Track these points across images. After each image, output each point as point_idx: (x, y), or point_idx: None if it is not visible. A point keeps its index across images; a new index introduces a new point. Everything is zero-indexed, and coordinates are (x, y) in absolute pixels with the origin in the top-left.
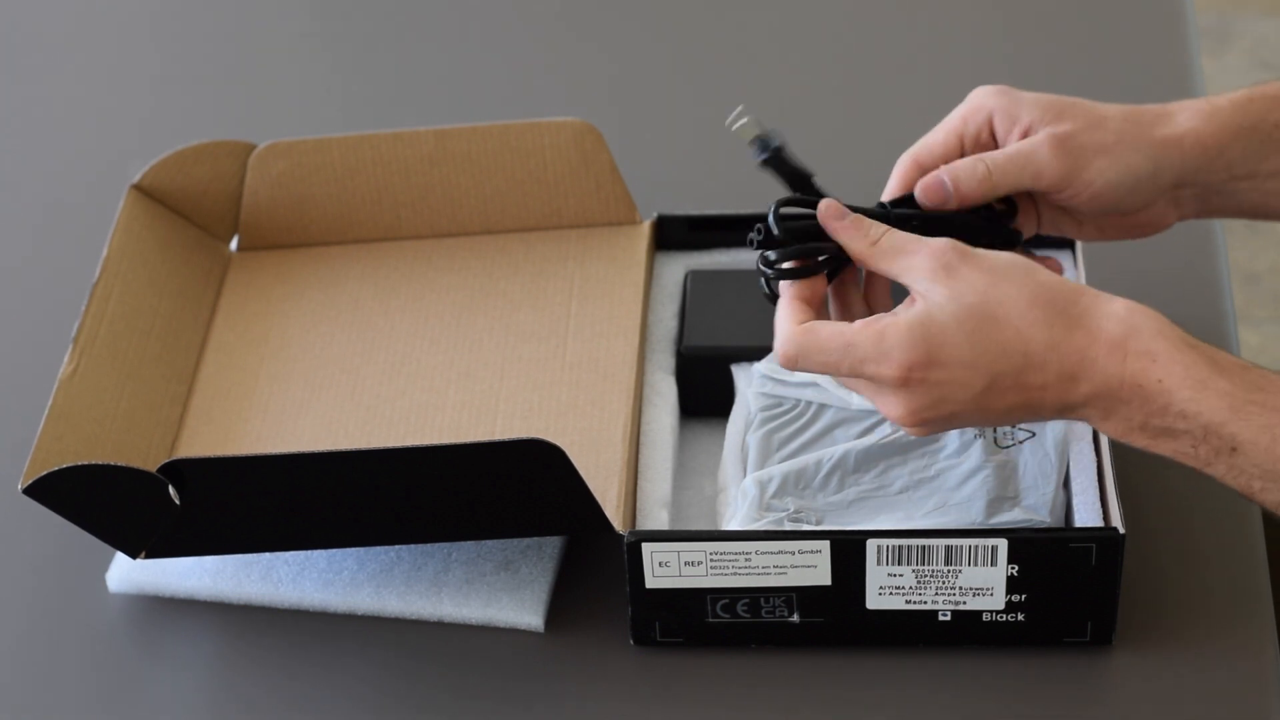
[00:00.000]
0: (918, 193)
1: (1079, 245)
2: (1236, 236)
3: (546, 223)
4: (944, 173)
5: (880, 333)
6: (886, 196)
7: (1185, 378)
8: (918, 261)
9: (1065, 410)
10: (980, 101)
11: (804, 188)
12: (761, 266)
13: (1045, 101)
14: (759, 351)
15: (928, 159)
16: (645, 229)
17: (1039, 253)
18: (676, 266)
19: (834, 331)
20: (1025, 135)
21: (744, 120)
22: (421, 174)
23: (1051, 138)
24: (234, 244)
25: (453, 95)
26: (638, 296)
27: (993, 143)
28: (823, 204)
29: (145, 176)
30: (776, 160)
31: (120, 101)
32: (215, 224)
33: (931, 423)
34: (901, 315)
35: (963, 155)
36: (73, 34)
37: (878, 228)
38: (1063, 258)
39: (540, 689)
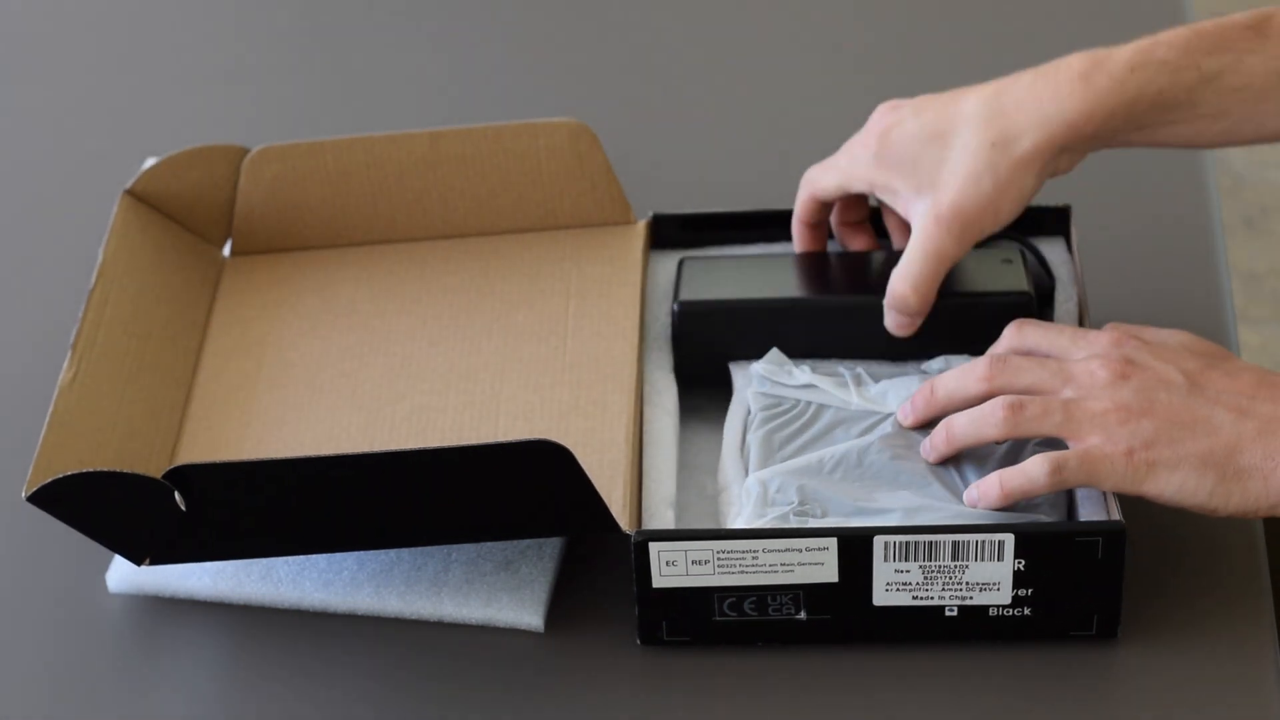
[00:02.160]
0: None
1: (1075, 243)
2: (1236, 237)
3: (542, 223)
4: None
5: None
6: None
7: None
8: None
9: (1273, 423)
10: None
11: None
12: None
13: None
14: (757, 307)
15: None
16: (641, 228)
17: (1033, 239)
18: (673, 265)
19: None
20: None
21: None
22: (416, 176)
23: (935, 223)
24: (227, 249)
25: (446, 97)
26: (635, 296)
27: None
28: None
29: (138, 182)
30: None
31: (112, 107)
32: (209, 229)
33: (1139, 376)
34: None
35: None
36: (64, 40)
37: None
38: (1055, 244)
39: (546, 689)
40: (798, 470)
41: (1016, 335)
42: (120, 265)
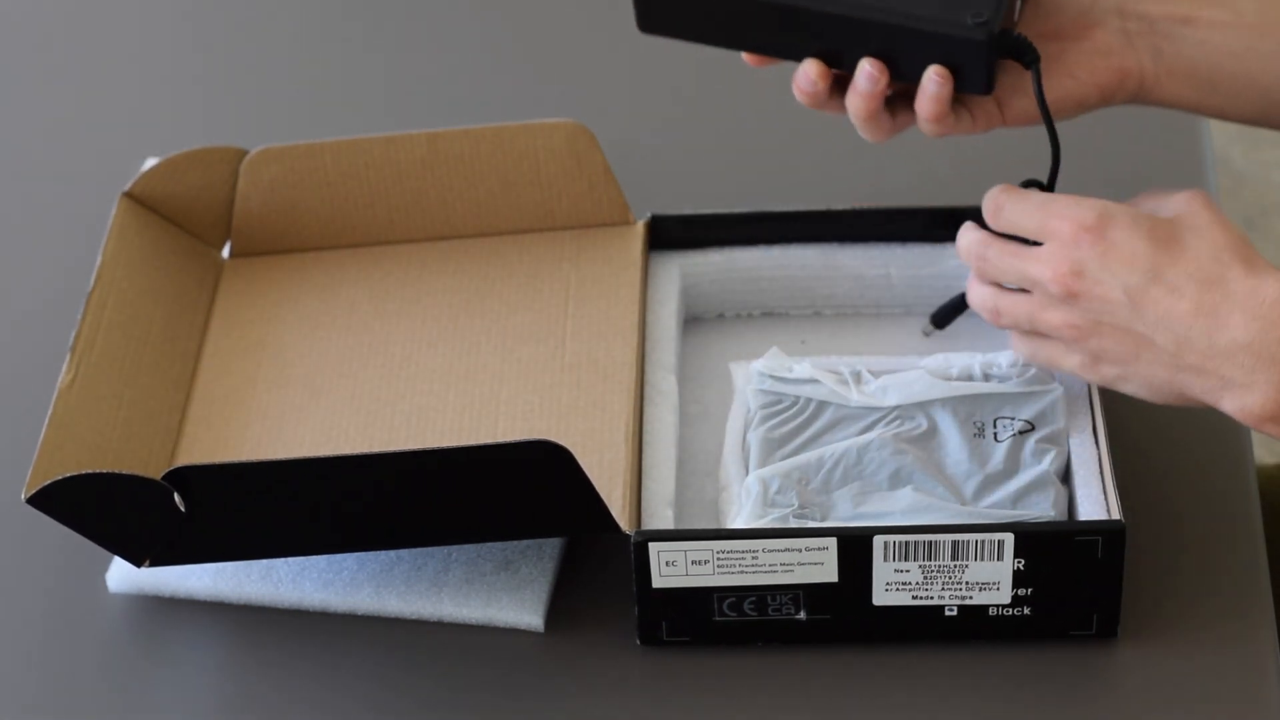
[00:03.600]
0: None
1: None
2: None
3: (540, 224)
4: None
5: (1079, 197)
6: None
7: None
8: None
9: (1209, 360)
10: None
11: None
12: None
13: None
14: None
15: None
16: (639, 229)
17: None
18: (671, 266)
19: (1040, 194)
20: None
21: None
22: (414, 177)
23: None
24: (226, 250)
25: (445, 98)
26: (634, 296)
27: None
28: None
29: (136, 184)
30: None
31: (111, 108)
32: (207, 231)
33: (1085, 297)
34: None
35: None
36: (61, 43)
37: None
38: None
39: (546, 689)
40: (798, 469)
41: (992, 212)
42: (119, 267)
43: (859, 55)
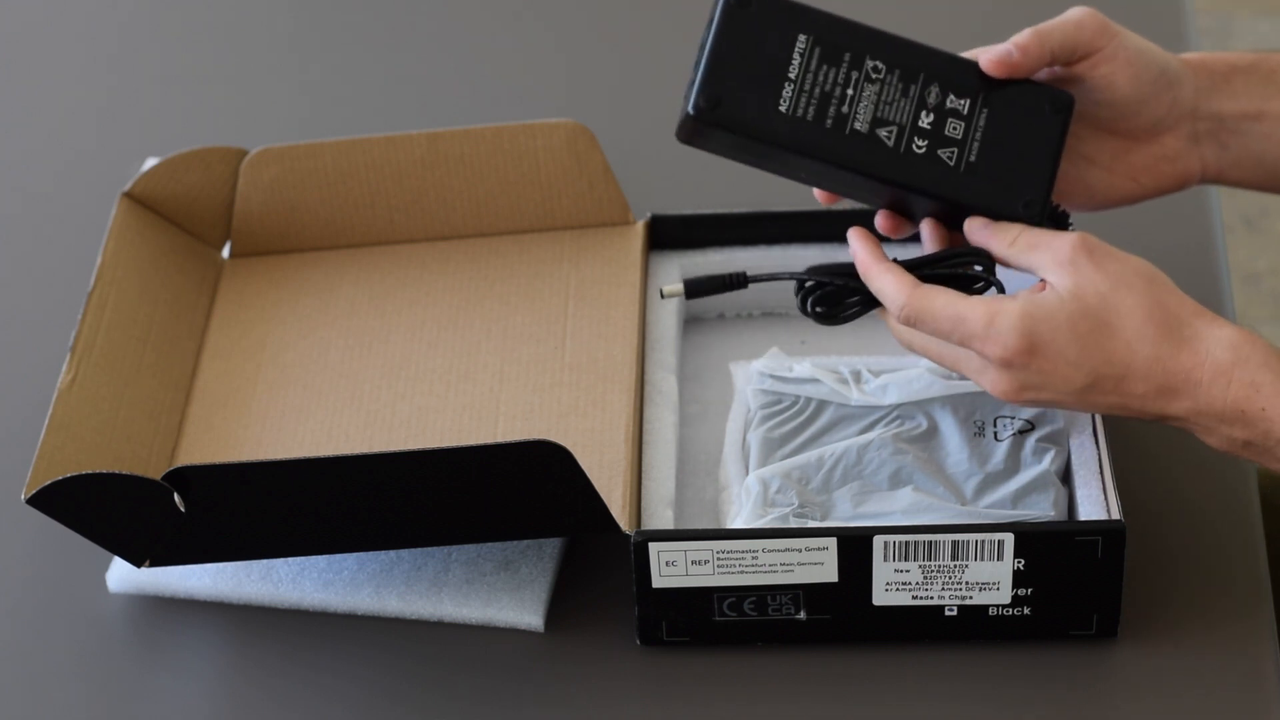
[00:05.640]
0: (984, 64)
1: None
2: (1236, 236)
3: (540, 224)
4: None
5: (992, 314)
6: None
7: None
8: (1049, 256)
9: (1164, 419)
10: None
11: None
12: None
13: None
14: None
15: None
16: (639, 229)
17: None
18: (671, 266)
19: (948, 300)
20: None
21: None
22: (415, 177)
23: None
24: (226, 250)
25: (445, 98)
26: (634, 296)
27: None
28: (970, 219)
29: (136, 184)
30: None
31: (111, 108)
32: (207, 231)
33: (1033, 403)
34: (1020, 300)
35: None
36: (64, 40)
37: (1014, 228)
38: None
39: (546, 689)
40: (797, 468)
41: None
42: (119, 267)
43: (915, 213)
